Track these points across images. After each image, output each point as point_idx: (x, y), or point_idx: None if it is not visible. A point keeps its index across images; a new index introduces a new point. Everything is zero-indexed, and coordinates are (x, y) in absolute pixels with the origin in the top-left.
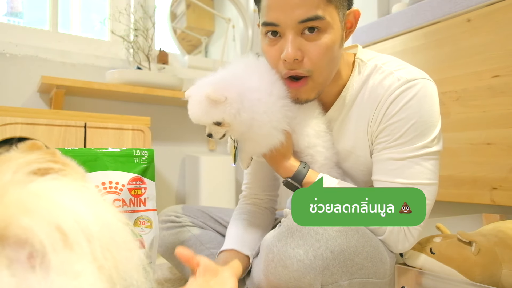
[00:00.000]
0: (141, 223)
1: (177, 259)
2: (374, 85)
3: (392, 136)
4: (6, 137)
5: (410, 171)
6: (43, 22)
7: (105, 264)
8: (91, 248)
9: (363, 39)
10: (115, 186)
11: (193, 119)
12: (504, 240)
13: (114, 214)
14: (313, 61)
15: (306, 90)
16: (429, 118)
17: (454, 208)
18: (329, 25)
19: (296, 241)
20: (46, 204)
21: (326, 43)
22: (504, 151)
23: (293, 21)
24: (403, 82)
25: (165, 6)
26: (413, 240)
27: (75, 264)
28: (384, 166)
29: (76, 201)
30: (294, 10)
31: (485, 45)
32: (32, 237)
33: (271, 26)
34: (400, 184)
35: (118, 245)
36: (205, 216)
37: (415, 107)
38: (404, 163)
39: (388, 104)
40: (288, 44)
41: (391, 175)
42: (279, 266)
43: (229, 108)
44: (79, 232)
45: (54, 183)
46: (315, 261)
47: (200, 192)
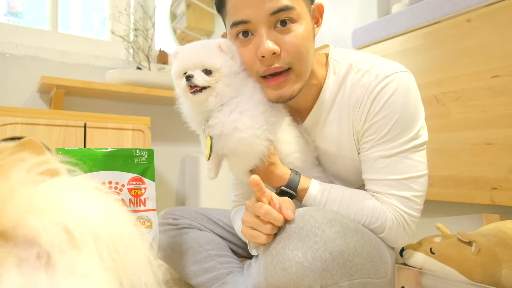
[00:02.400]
0: (141, 223)
1: (175, 261)
2: (353, 85)
3: (378, 134)
4: (6, 137)
5: (401, 166)
6: (43, 22)
7: (112, 265)
8: (98, 249)
9: (363, 39)
10: (115, 186)
11: (183, 63)
12: (504, 240)
13: (123, 215)
14: (292, 52)
15: (289, 83)
16: (412, 110)
17: (454, 208)
18: (299, 16)
19: (294, 243)
20: (54, 204)
21: (301, 33)
22: (504, 151)
23: (265, 14)
24: (381, 78)
25: (165, 6)
26: (412, 232)
27: (82, 264)
28: (374, 165)
29: (84, 202)
30: (264, 3)
31: (485, 45)
32: (40, 237)
33: (242, 25)
34: (392, 180)
35: (126, 246)
36: (203, 218)
37: (397, 102)
38: (394, 159)
39: (371, 102)
40: (263, 38)
41: (382, 173)
42: (278, 269)
43: (231, 63)
44: (86, 233)
45: (64, 183)
46: (314, 263)
47: (200, 192)
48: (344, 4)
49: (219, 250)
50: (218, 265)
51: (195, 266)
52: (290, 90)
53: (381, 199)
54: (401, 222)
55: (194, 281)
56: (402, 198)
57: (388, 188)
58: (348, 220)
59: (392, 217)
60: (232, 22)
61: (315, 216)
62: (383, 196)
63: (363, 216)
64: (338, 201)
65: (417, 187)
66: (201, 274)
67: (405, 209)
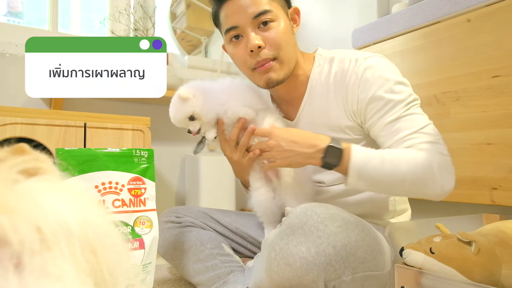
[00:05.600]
0: (141, 223)
1: (177, 259)
2: (337, 72)
3: (377, 106)
4: (6, 137)
5: (409, 123)
6: (43, 22)
7: (87, 266)
8: (71, 249)
9: (363, 39)
10: (115, 186)
11: (173, 121)
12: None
13: (103, 216)
14: (274, 45)
15: (275, 69)
16: (397, 74)
17: (454, 208)
18: (277, 16)
19: (298, 239)
20: (27, 204)
21: (280, 29)
22: (504, 151)
23: (248, 18)
24: (361, 61)
25: (165, 6)
26: (453, 172)
27: (54, 266)
28: (388, 131)
29: (60, 202)
30: (247, 10)
31: (485, 45)
32: (10, 236)
33: (233, 30)
34: (410, 134)
35: (104, 247)
36: (206, 217)
37: (382, 74)
38: (403, 119)
39: (358, 83)
40: (250, 37)
41: (398, 133)
42: (282, 264)
43: (196, 101)
44: (59, 233)
45: (42, 183)
46: (317, 258)
47: (200, 192)
48: (344, 4)
49: (221, 249)
50: (219, 263)
51: (197, 265)
52: (276, 74)
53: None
54: (442, 157)
55: (195, 280)
56: (428, 144)
57: (410, 142)
58: (349, 214)
59: (434, 154)
60: (225, 29)
61: (317, 211)
62: (412, 141)
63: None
64: (381, 157)
65: (432, 132)
66: (203, 272)
67: (437, 147)
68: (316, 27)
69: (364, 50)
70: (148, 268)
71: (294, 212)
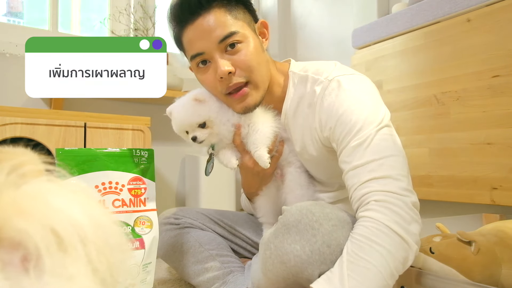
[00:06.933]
0: (141, 223)
1: (176, 260)
2: (304, 96)
3: (345, 129)
4: (6, 137)
5: (376, 148)
6: (43, 22)
7: (99, 267)
8: (86, 251)
9: (363, 39)
10: (115, 186)
11: (179, 125)
12: (504, 240)
13: (108, 216)
14: (245, 68)
15: (250, 94)
16: (367, 98)
17: (454, 208)
18: (244, 37)
19: (292, 237)
20: (41, 206)
21: (249, 50)
22: (504, 151)
23: (214, 43)
24: (325, 84)
25: (165, 6)
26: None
27: (69, 267)
28: (352, 154)
29: (70, 203)
30: (211, 34)
31: (485, 45)
32: (26, 239)
33: (199, 56)
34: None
35: (112, 247)
36: (204, 218)
37: (346, 98)
38: (369, 143)
39: (324, 108)
40: (218, 63)
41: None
42: (277, 263)
43: (213, 106)
44: (74, 235)
45: (49, 184)
46: (312, 256)
47: (200, 193)
48: (344, 4)
49: (220, 249)
50: (219, 264)
51: (196, 266)
52: (253, 99)
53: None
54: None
55: (195, 281)
56: (386, 179)
57: (369, 173)
58: (344, 213)
59: (385, 214)
60: (190, 56)
61: (312, 210)
62: (366, 189)
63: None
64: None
65: (398, 165)
66: (202, 273)
67: (394, 189)
68: (316, 27)
69: (364, 50)
70: (148, 268)
71: (289, 211)
